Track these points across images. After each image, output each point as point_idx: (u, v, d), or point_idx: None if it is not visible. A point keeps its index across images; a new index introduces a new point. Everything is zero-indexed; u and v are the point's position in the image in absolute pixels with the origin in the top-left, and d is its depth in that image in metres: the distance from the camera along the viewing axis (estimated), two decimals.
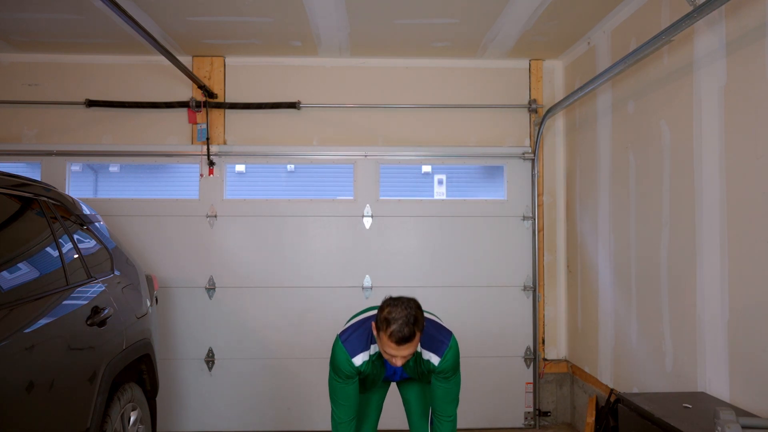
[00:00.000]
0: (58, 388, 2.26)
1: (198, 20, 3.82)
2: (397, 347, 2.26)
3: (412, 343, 2.28)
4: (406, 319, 2.24)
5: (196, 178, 4.54)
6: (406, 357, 2.31)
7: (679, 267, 3.02)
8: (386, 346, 2.30)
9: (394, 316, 2.25)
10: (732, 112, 2.61)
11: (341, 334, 2.55)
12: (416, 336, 2.28)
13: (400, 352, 2.28)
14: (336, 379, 2.54)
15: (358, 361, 2.49)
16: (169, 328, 4.42)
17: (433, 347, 2.50)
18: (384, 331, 2.27)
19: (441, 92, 4.63)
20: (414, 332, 2.26)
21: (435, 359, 2.49)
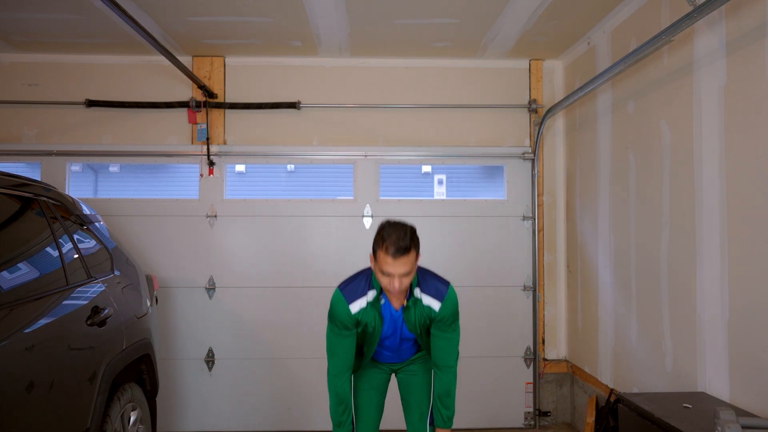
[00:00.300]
0: (58, 388, 2.26)
1: (198, 20, 3.82)
2: (393, 262, 2.28)
3: (409, 258, 2.30)
4: (403, 233, 2.31)
5: (196, 178, 4.54)
6: (403, 280, 2.33)
7: (679, 267, 3.02)
8: (383, 264, 2.32)
9: (390, 232, 2.31)
10: (732, 112, 2.61)
11: (340, 285, 2.58)
12: (412, 251, 2.32)
13: (397, 268, 2.29)
14: (333, 331, 2.55)
15: (355, 308, 2.49)
16: (169, 328, 4.42)
17: (432, 293, 2.53)
18: (381, 247, 2.31)
19: (441, 92, 4.63)
20: (410, 245, 2.30)
21: (436, 304, 2.51)
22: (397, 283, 2.33)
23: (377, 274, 2.39)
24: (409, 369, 2.81)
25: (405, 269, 2.32)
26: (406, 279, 2.35)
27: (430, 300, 2.51)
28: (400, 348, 2.70)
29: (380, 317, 2.53)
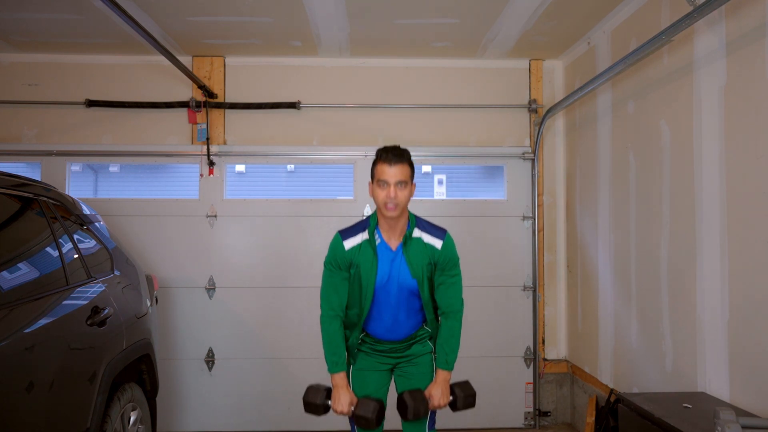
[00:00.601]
0: (58, 388, 2.26)
1: (198, 20, 3.82)
2: (389, 168, 2.43)
3: (404, 167, 2.45)
4: (399, 148, 2.50)
5: (196, 178, 4.54)
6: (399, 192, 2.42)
7: (679, 267, 3.02)
8: (380, 173, 2.45)
9: (387, 148, 2.50)
10: (732, 112, 2.61)
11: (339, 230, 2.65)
12: (407, 164, 2.47)
13: (393, 173, 2.43)
14: (327, 273, 2.61)
15: (349, 245, 2.55)
16: (169, 328, 4.42)
17: (433, 233, 2.60)
18: (378, 159, 2.48)
19: (441, 92, 4.63)
20: (404, 155, 2.47)
21: (438, 243, 2.57)
22: (393, 193, 2.42)
23: (375, 192, 2.49)
24: (408, 370, 2.73)
25: (401, 176, 2.44)
26: (401, 192, 2.45)
27: (431, 239, 2.58)
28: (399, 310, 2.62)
29: (375, 256, 2.54)
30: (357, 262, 2.55)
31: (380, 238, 2.58)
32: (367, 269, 2.55)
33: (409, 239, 2.56)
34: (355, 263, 2.55)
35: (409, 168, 2.49)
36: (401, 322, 2.65)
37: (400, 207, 2.47)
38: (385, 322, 2.65)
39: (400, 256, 2.57)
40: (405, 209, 2.55)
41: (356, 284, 2.59)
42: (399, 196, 2.44)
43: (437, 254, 2.57)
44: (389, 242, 2.57)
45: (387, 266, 2.57)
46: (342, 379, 2.58)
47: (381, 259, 2.57)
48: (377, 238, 2.57)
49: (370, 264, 2.54)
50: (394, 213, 2.48)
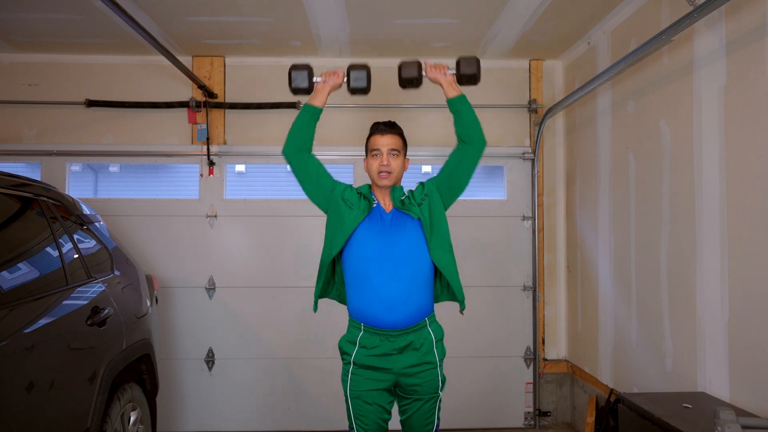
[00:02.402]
0: (58, 388, 2.26)
1: (198, 20, 3.82)
2: (381, 137, 2.55)
3: (396, 137, 2.57)
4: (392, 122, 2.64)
5: (196, 178, 4.54)
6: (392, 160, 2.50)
7: (679, 267, 3.02)
8: (373, 143, 2.56)
9: (380, 121, 2.64)
10: (732, 112, 2.61)
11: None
12: (400, 136, 2.60)
13: (385, 141, 2.53)
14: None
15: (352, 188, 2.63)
16: (169, 328, 4.42)
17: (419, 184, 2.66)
18: (371, 131, 2.61)
19: (441, 92, 4.60)
20: (396, 126, 2.62)
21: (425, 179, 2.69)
22: (386, 160, 2.49)
23: (369, 162, 2.57)
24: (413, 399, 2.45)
25: (393, 145, 2.53)
26: (394, 161, 2.52)
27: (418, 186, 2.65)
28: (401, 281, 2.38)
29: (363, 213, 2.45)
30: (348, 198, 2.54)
31: (376, 201, 2.57)
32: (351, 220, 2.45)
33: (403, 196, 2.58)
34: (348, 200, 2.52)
35: (401, 139, 2.60)
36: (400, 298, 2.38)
37: (393, 176, 2.51)
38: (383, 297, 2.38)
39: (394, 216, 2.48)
40: (398, 181, 2.59)
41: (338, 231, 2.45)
42: (392, 164, 2.51)
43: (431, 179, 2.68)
44: (384, 206, 2.56)
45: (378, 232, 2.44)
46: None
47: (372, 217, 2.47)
48: (374, 200, 2.57)
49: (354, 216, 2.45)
50: (388, 182, 2.51)
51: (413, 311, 2.42)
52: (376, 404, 2.42)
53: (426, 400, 2.45)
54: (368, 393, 2.42)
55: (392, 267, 2.40)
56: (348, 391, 2.45)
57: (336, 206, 2.53)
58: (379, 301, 2.38)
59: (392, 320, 2.38)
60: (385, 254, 2.41)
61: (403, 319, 2.39)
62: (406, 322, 2.40)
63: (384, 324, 2.39)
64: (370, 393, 2.42)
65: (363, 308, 2.42)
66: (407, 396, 2.46)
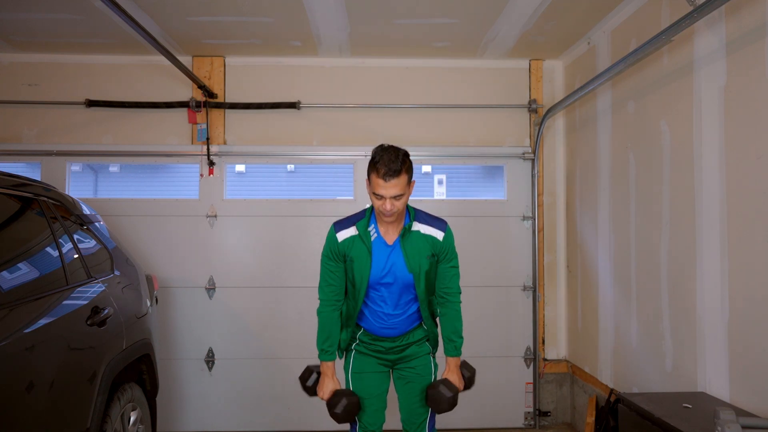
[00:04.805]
0: (58, 388, 2.26)
1: (198, 20, 3.82)
2: (385, 183, 2.35)
3: (400, 179, 2.36)
4: (395, 156, 2.37)
5: (196, 178, 4.54)
6: (395, 203, 2.38)
7: (679, 267, 3.02)
8: (375, 186, 2.39)
9: (382, 154, 2.38)
10: (732, 112, 2.61)
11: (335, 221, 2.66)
12: (403, 174, 2.37)
13: (388, 190, 2.35)
14: (324, 263, 2.62)
15: (342, 236, 2.56)
16: (169, 328, 4.42)
17: (434, 224, 2.59)
18: (372, 169, 2.39)
19: (441, 92, 4.63)
20: (401, 168, 2.35)
21: (439, 234, 2.57)
22: (389, 205, 2.38)
23: (371, 198, 2.46)
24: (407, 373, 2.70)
25: (396, 191, 2.37)
26: (398, 202, 2.40)
27: (430, 230, 2.57)
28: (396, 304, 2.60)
29: (369, 253, 2.53)
30: (351, 255, 2.55)
31: (377, 232, 2.56)
32: (361, 263, 2.54)
33: (408, 232, 2.54)
34: (350, 256, 2.55)
35: (406, 176, 2.41)
36: (396, 317, 2.62)
37: (396, 214, 2.46)
38: (380, 317, 2.62)
39: (397, 249, 2.55)
40: (403, 212, 2.55)
41: (350, 277, 2.59)
42: (396, 205, 2.41)
43: (438, 245, 2.57)
44: (386, 236, 2.56)
45: (383, 261, 2.55)
46: (329, 368, 2.61)
47: (376, 254, 2.55)
48: (373, 233, 2.56)
49: (364, 258, 2.53)
50: (391, 219, 2.48)
51: (408, 323, 2.67)
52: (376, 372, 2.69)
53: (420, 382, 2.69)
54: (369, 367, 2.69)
55: (389, 291, 2.60)
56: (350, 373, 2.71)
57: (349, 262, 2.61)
58: (376, 317, 2.64)
59: (388, 332, 2.66)
60: (384, 280, 2.58)
61: (397, 331, 2.66)
62: (400, 332, 2.67)
63: (380, 334, 2.67)
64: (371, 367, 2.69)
65: (362, 321, 2.69)
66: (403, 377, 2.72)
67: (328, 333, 2.61)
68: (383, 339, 2.66)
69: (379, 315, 2.62)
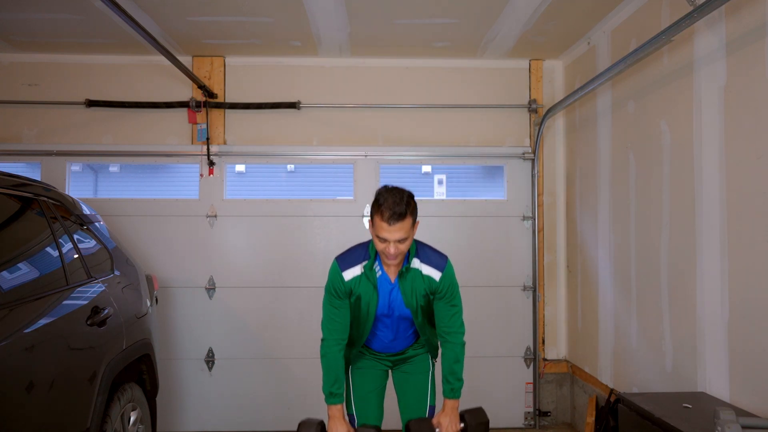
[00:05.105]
0: (58, 388, 2.26)
1: (198, 20, 3.82)
2: (389, 227, 2.28)
3: (404, 223, 2.30)
4: (399, 199, 2.31)
5: (196, 178, 4.54)
6: (399, 246, 2.32)
7: (679, 267, 3.02)
8: (379, 230, 2.31)
9: (386, 197, 2.31)
10: (732, 112, 2.61)
11: (338, 255, 2.58)
12: (408, 217, 2.30)
13: (392, 234, 2.29)
14: (327, 301, 2.54)
15: (348, 276, 2.49)
16: (169, 328, 4.42)
17: (432, 263, 2.52)
18: (376, 212, 2.31)
19: (441, 92, 4.63)
20: (405, 212, 2.29)
21: (436, 274, 2.50)
22: (393, 249, 2.33)
23: (374, 240, 2.40)
24: (405, 368, 2.77)
25: (400, 235, 2.31)
26: (402, 245, 2.34)
27: (430, 270, 2.51)
28: (397, 332, 2.64)
29: (375, 290, 2.50)
30: (357, 292, 2.51)
31: (380, 269, 2.52)
32: (368, 300, 2.53)
33: (407, 272, 2.50)
34: (356, 293, 2.52)
35: (411, 218, 2.34)
36: (398, 339, 2.68)
37: (400, 257, 2.40)
38: (383, 341, 2.68)
39: (397, 286, 2.55)
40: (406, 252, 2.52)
41: (356, 312, 2.57)
42: (400, 248, 2.34)
43: (435, 285, 2.52)
44: (388, 273, 2.53)
45: (386, 297, 2.56)
46: (339, 411, 2.53)
47: (381, 292, 2.54)
48: (377, 270, 2.51)
49: (370, 295, 2.52)
50: (395, 262, 2.43)
51: (407, 342, 2.74)
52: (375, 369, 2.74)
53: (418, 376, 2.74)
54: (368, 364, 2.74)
55: (392, 320, 2.62)
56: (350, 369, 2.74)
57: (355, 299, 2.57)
58: (377, 340, 2.69)
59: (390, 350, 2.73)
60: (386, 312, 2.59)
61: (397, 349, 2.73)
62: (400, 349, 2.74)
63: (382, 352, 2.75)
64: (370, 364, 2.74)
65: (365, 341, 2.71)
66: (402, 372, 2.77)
67: (335, 376, 2.54)
68: (385, 353, 2.74)
69: (380, 338, 2.67)
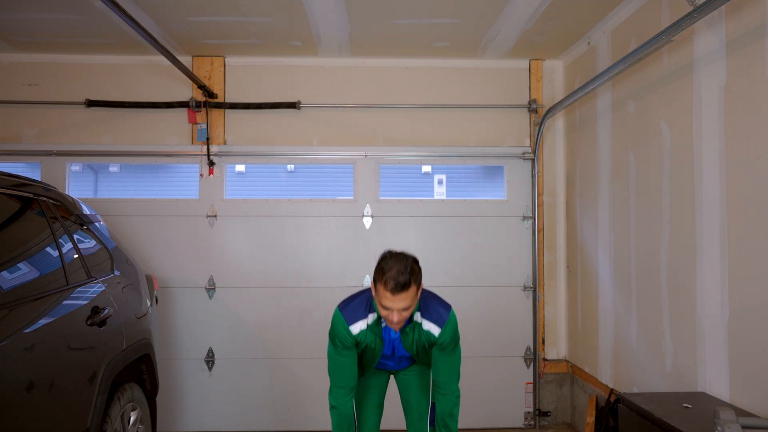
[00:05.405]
0: (58, 388, 2.26)
1: (198, 20, 3.82)
2: (392, 297, 2.25)
3: (408, 293, 2.27)
4: (402, 268, 2.26)
5: (196, 178, 4.54)
6: (402, 313, 2.30)
7: (679, 267, 3.02)
8: (382, 298, 2.29)
9: (390, 265, 2.27)
10: (732, 112, 2.61)
11: (340, 304, 2.55)
12: (412, 287, 2.27)
13: (396, 303, 2.26)
14: (334, 351, 2.53)
15: (356, 330, 2.48)
16: (169, 328, 4.42)
17: (433, 318, 2.50)
18: (380, 281, 2.28)
19: (441, 92, 4.63)
20: (409, 281, 2.26)
21: (435, 330, 2.49)
22: (396, 317, 2.31)
23: (377, 305, 2.36)
24: (407, 372, 2.83)
25: (404, 304, 2.29)
26: (405, 312, 2.32)
27: (430, 325, 2.49)
28: (399, 363, 2.76)
29: (380, 340, 2.54)
30: (364, 343, 2.53)
31: (383, 321, 2.53)
32: (373, 347, 2.56)
33: (408, 328, 2.51)
34: (362, 344, 2.54)
35: (415, 287, 2.31)
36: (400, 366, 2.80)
37: (403, 321, 2.38)
38: (385, 365, 2.78)
39: (399, 336, 2.58)
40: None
41: (361, 356, 2.62)
42: (404, 315, 2.33)
43: (434, 338, 2.52)
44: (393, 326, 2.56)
45: (390, 344, 2.62)
46: None
47: (385, 340, 2.60)
48: (381, 322, 2.52)
49: (375, 343, 2.56)
50: (398, 328, 2.42)
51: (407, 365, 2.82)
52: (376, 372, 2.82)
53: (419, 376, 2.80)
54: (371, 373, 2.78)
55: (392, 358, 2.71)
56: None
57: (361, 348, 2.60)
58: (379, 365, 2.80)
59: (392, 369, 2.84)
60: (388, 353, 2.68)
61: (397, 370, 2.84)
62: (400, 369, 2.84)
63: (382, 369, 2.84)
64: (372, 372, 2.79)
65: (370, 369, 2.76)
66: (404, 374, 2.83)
67: (348, 422, 2.58)
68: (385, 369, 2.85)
69: (382, 364, 2.78)
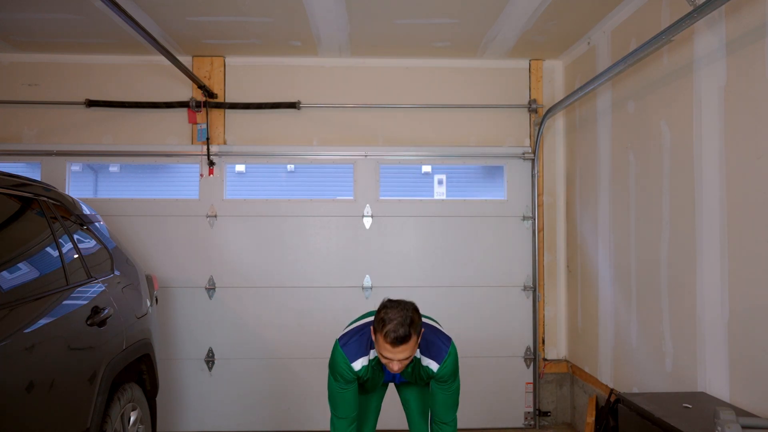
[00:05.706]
0: (58, 388, 2.26)
1: (198, 20, 3.82)
2: (392, 349, 2.24)
3: (408, 345, 2.25)
4: (402, 319, 2.24)
5: (196, 178, 4.54)
6: (403, 362, 2.28)
7: (679, 267, 3.02)
8: (382, 349, 2.28)
9: (390, 316, 2.25)
10: (732, 112, 2.61)
11: (341, 339, 2.53)
12: (412, 338, 2.26)
13: (396, 355, 2.25)
14: (335, 384, 2.52)
15: (358, 366, 2.48)
16: (169, 328, 4.42)
17: (432, 353, 2.49)
18: (380, 331, 2.26)
19: (441, 92, 4.63)
20: (409, 333, 2.24)
21: (434, 365, 2.48)
22: (397, 366, 2.30)
23: (379, 356, 2.35)
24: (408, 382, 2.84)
25: (404, 355, 2.27)
26: (406, 361, 2.30)
27: (429, 361, 2.50)
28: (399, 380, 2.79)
29: (381, 372, 2.58)
30: (365, 377, 2.55)
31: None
32: (374, 379, 2.59)
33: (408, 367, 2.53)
34: (363, 378, 2.55)
35: (415, 337, 2.28)
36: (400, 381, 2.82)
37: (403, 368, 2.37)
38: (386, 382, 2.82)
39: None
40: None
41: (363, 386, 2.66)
42: (404, 364, 2.32)
43: (432, 373, 2.52)
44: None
45: (390, 375, 2.66)
46: None
47: (387, 373, 2.64)
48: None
49: (377, 374, 2.58)
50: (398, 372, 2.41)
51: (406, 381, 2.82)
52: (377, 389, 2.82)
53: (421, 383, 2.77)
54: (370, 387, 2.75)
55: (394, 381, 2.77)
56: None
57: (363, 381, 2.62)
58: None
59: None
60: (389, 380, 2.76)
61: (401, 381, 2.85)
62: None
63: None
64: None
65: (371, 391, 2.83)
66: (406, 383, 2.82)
67: None
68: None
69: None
